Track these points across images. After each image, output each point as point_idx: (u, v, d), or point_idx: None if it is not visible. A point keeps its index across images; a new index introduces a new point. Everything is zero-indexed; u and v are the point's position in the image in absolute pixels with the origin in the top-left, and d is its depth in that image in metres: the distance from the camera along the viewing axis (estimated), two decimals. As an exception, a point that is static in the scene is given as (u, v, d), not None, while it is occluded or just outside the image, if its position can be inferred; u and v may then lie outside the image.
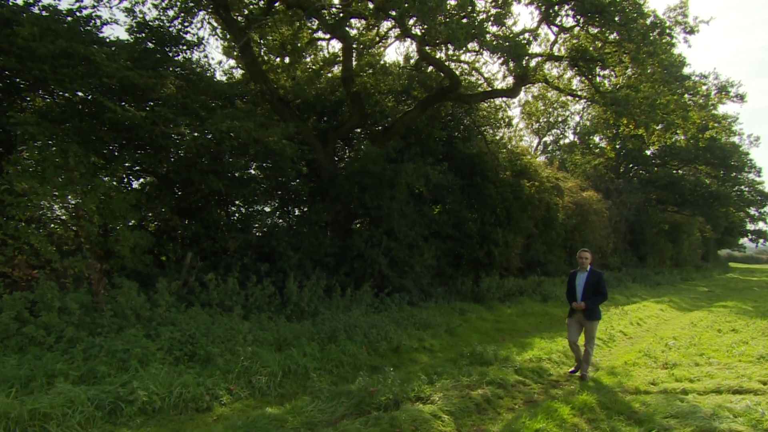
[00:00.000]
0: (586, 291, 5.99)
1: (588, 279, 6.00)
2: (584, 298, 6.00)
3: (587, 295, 6.00)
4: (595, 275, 6.03)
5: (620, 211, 22.91)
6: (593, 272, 6.06)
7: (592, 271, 6.06)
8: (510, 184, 13.86)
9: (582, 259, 6.08)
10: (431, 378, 5.65)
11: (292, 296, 7.78)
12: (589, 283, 5.99)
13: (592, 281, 5.99)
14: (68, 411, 3.99)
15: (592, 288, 5.98)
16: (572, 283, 6.14)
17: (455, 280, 12.30)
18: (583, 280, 6.03)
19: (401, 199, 10.63)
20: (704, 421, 4.45)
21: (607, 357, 7.61)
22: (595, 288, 5.99)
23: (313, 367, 5.82)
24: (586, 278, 6.00)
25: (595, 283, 5.99)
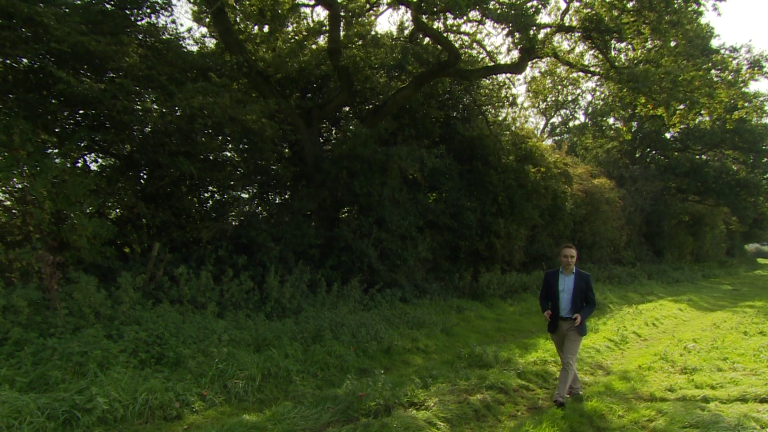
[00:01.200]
0: (575, 299, 5.18)
1: (576, 283, 5.18)
2: (574, 307, 5.20)
3: (577, 305, 5.19)
4: (583, 278, 5.22)
5: (635, 201, 22.88)
6: (580, 275, 5.24)
7: (578, 273, 5.24)
8: (513, 170, 13.88)
9: (566, 258, 5.22)
10: (426, 382, 5.66)
11: (272, 292, 7.77)
12: (577, 288, 5.18)
13: (580, 287, 5.18)
14: (14, 422, 3.90)
15: (581, 295, 5.20)
16: (552, 288, 5.29)
17: (452, 275, 12.37)
18: (569, 286, 5.21)
19: (393, 186, 10.64)
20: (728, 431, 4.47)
21: (620, 360, 7.65)
22: (584, 295, 5.22)
23: (296, 369, 5.82)
24: (574, 283, 5.19)
25: (583, 289, 5.20)
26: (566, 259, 5.25)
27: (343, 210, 11.44)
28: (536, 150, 14.94)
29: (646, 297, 15.54)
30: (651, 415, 4.98)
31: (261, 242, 8.57)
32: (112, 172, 7.74)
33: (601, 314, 11.83)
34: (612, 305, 13.41)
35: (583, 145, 26.94)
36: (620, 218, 20.86)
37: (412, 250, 10.83)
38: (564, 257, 5.27)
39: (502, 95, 14.24)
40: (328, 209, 10.58)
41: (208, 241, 8.20)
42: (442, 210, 12.30)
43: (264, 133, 8.35)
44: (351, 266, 9.72)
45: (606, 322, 10.37)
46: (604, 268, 18.78)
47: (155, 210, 7.77)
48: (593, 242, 19.27)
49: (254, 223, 8.96)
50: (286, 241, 8.99)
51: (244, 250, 8.43)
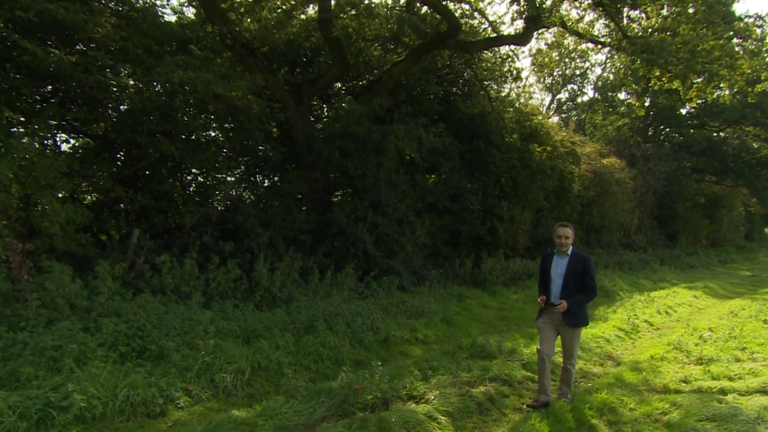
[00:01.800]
0: (567, 284, 4.75)
1: (570, 266, 4.75)
2: (565, 294, 4.76)
3: (569, 291, 4.75)
4: (580, 261, 4.78)
5: (647, 182, 22.76)
6: (577, 256, 4.82)
7: (575, 255, 4.82)
8: (517, 150, 13.85)
9: (560, 238, 4.82)
10: (425, 374, 5.67)
11: (261, 280, 7.76)
12: (571, 272, 4.75)
13: (575, 270, 4.75)
14: (-15, 421, 3.85)
15: (575, 280, 4.75)
16: (546, 270, 4.96)
17: (452, 261, 12.39)
18: (562, 269, 4.79)
19: (389, 167, 10.62)
20: (747, 425, 4.42)
21: (630, 350, 7.67)
22: (580, 280, 4.76)
23: (288, 362, 5.81)
24: (567, 265, 4.76)
25: (579, 273, 4.75)
26: (560, 239, 4.82)
27: (336, 193, 11.42)
28: (542, 128, 14.88)
29: (658, 284, 15.59)
30: (665, 408, 4.97)
31: (249, 228, 8.56)
32: (85, 154, 7.62)
33: (610, 302, 11.88)
34: (622, 292, 13.46)
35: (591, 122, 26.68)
36: (631, 200, 20.80)
37: (410, 235, 10.87)
38: (558, 237, 4.84)
39: (506, 69, 14.12)
40: (320, 192, 10.54)
41: (191, 227, 8.17)
42: (442, 192, 12.30)
43: (250, 110, 8.26)
44: (345, 253, 9.73)
45: (616, 311, 10.42)
46: (614, 254, 18.84)
47: (134, 194, 7.70)
48: (602, 226, 19.30)
49: (241, 208, 8.94)
50: (275, 227, 8.97)
51: (231, 236, 8.42)
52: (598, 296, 12.61)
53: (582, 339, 7.63)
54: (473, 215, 12.66)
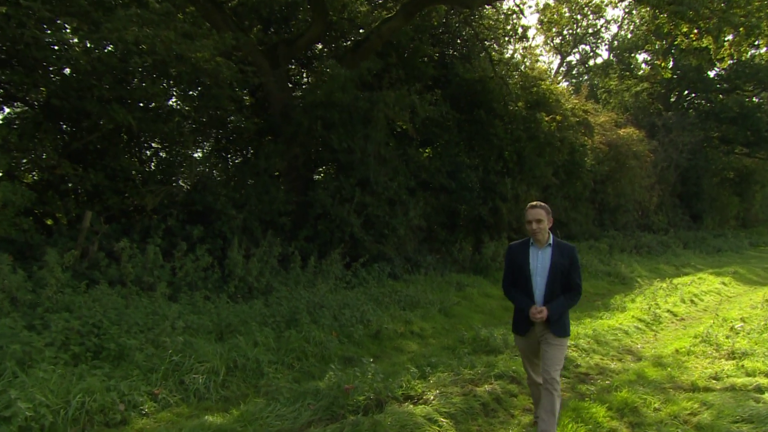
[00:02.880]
0: (553, 284, 4.17)
1: (554, 261, 4.17)
2: (549, 297, 4.17)
3: (554, 293, 4.17)
4: (566, 253, 4.20)
5: (669, 155, 22.85)
6: (561, 248, 4.23)
7: (558, 246, 4.22)
8: (523, 119, 13.85)
9: (531, 223, 4.16)
10: (424, 371, 5.68)
11: (235, 269, 7.76)
12: (556, 268, 4.16)
13: (560, 265, 4.16)
14: None
15: (561, 278, 4.18)
16: (521, 268, 4.27)
17: (450, 246, 12.45)
18: (544, 264, 4.19)
19: (379, 140, 10.59)
20: (789, 427, 4.48)
21: (652, 343, 7.72)
22: (565, 278, 4.20)
23: (268, 360, 5.80)
24: (551, 260, 4.17)
25: (565, 269, 4.17)
26: (531, 225, 4.14)
27: (319, 170, 11.45)
28: (550, 95, 14.89)
29: (681, 269, 15.79)
30: (694, 408, 4.98)
31: (220, 209, 8.53)
32: (25, 124, 7.43)
33: (628, 290, 12.01)
34: (641, 279, 13.60)
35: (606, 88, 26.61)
36: (650, 176, 20.94)
37: (402, 216, 10.89)
38: (528, 223, 4.16)
39: (510, 27, 14.07)
40: (300, 169, 10.48)
41: (153, 209, 8.10)
42: (438, 168, 12.30)
43: (219, 75, 8.15)
44: (330, 237, 9.75)
45: (635, 299, 10.54)
46: (631, 236, 19.05)
47: (84, 171, 7.55)
48: (617, 205, 19.45)
49: (211, 187, 8.90)
50: (250, 208, 8.96)
51: (200, 220, 8.40)
52: (614, 283, 12.78)
53: (598, 331, 7.70)
54: (473, 194, 12.69)
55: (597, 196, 18.36)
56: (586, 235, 17.10)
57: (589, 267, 13.60)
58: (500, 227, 13.59)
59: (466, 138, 13.22)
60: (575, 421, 4.64)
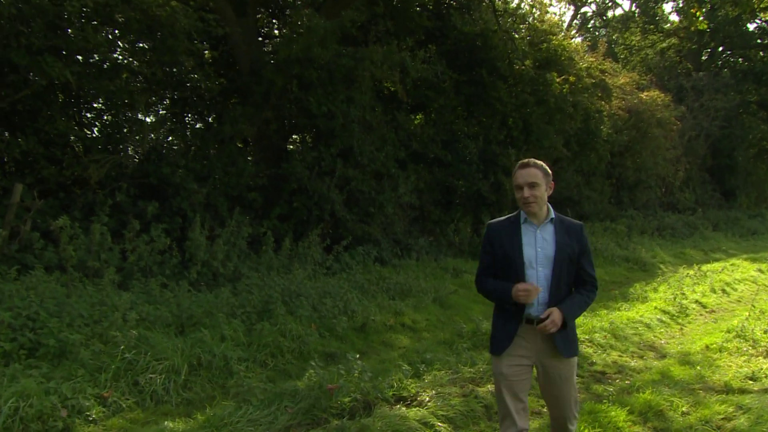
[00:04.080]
0: (559, 277, 3.31)
1: (559, 245, 3.32)
2: (556, 296, 3.31)
3: (560, 290, 3.31)
4: (574, 232, 3.39)
5: (699, 122, 22.90)
6: (566, 225, 3.41)
7: (562, 223, 3.40)
8: (530, 81, 13.84)
9: (522, 188, 3.29)
10: (417, 369, 5.72)
11: (198, 252, 7.73)
12: (561, 255, 3.31)
13: (567, 248, 3.33)
14: None
15: (567, 268, 3.34)
16: (507, 256, 3.36)
17: (445, 227, 12.55)
18: (545, 248, 3.33)
19: (364, 103, 10.64)
20: (839, 434, 4.52)
21: (678, 338, 7.80)
22: (575, 267, 3.39)
23: (237, 357, 5.78)
24: (555, 242, 3.32)
25: (574, 255, 3.35)
26: (522, 192, 3.28)
27: (294, 137, 11.49)
28: (562, 52, 14.90)
29: (711, 255, 16.01)
30: (728, 412, 5.00)
31: (178, 183, 8.48)
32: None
33: (649, 277, 12.17)
34: (664, 266, 13.78)
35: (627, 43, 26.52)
36: (676, 147, 21.05)
37: (391, 192, 10.91)
38: (518, 188, 3.31)
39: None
40: (272, 137, 10.43)
41: (98, 182, 7.97)
42: (432, 137, 12.31)
43: (174, 23, 7.97)
44: (307, 216, 9.77)
45: (657, 288, 10.69)
46: (653, 216, 19.28)
47: (12, 137, 7.42)
48: (637, 181, 19.62)
49: (167, 157, 8.81)
50: (214, 182, 8.96)
51: (154, 195, 8.32)
52: (633, 270, 12.95)
53: (615, 324, 7.80)
54: (472, 167, 12.71)
55: (614, 171, 18.47)
56: (601, 215, 17.28)
57: (605, 251, 13.76)
58: (502, 205, 13.64)
59: (464, 102, 13.19)
60: (591, 425, 4.66)
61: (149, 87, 9.35)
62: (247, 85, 9.98)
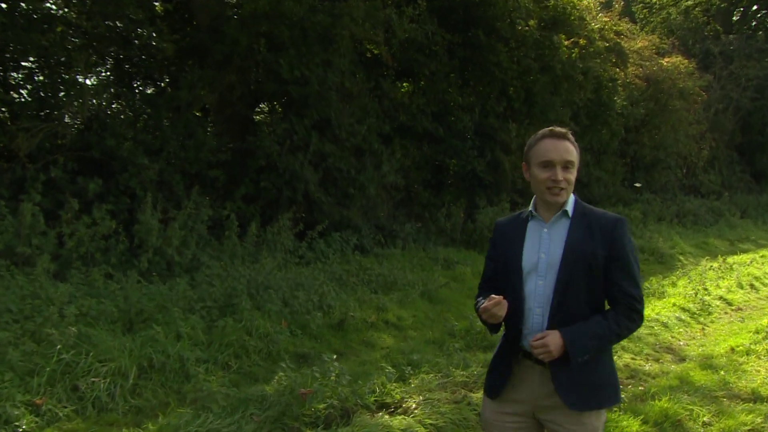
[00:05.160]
0: (563, 293, 2.71)
1: (569, 244, 2.74)
2: (558, 316, 2.71)
3: (568, 307, 2.71)
4: (596, 231, 2.74)
5: (727, 93, 22.89)
6: (587, 219, 2.78)
7: (582, 217, 2.79)
8: (535, 44, 13.81)
9: (560, 170, 2.70)
10: (403, 372, 5.78)
11: (149, 237, 7.67)
12: (570, 258, 2.71)
13: (579, 252, 2.71)
14: None
15: (583, 278, 2.71)
16: (507, 261, 2.87)
17: (435, 211, 12.54)
18: (553, 251, 2.75)
19: (343, 68, 10.61)
20: None
21: (699, 340, 7.89)
22: (596, 279, 2.74)
23: (195, 358, 5.78)
24: (565, 244, 2.74)
25: (594, 263, 2.71)
26: (554, 172, 2.69)
27: (262, 106, 11.44)
28: (572, 10, 14.89)
29: (738, 245, 16.18)
30: (756, 423, 5.06)
31: (126, 157, 8.36)
32: None
33: (667, 271, 12.33)
34: (684, 257, 13.94)
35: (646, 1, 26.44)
36: (701, 121, 21.06)
37: (373, 171, 10.92)
38: (543, 167, 2.73)
39: None
40: (236, 105, 10.33)
41: (29, 155, 7.89)
42: (421, 108, 12.28)
43: None
44: (277, 197, 9.79)
45: (676, 283, 10.80)
46: (672, 201, 19.43)
47: None
48: (655, 160, 19.71)
49: (112, 126, 8.66)
50: (168, 156, 8.90)
51: (97, 170, 8.23)
52: (649, 262, 13.06)
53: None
54: (466, 143, 12.73)
55: (629, 149, 18.56)
56: (612, 200, 17.40)
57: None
58: (501, 187, 13.72)
59: (458, 68, 13.15)
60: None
61: (89, 43, 9.16)
62: (206, 44, 9.84)
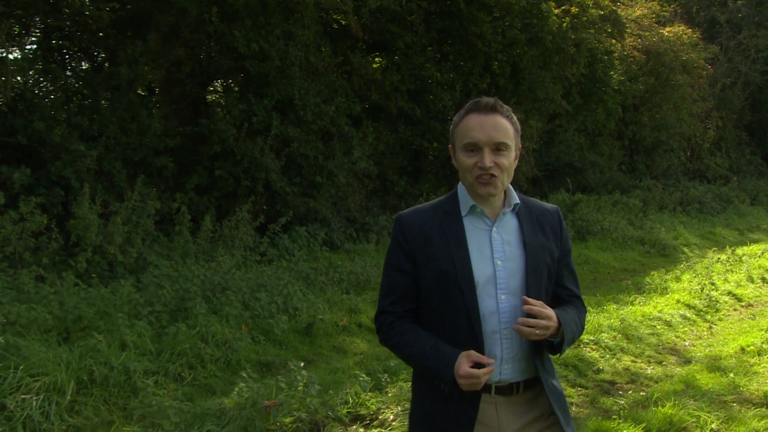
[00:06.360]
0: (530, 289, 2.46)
1: (529, 247, 2.49)
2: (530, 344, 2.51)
3: None
4: (546, 225, 2.60)
5: (735, 66, 23.05)
6: (530, 213, 2.58)
7: (528, 211, 2.58)
8: (521, 13, 13.90)
9: (489, 153, 2.37)
10: (378, 380, 5.84)
11: (87, 234, 7.60)
12: (534, 267, 2.49)
13: (540, 255, 2.52)
14: None
15: (546, 286, 2.55)
16: (445, 273, 2.43)
17: (412, 201, 12.58)
18: (512, 258, 2.47)
19: (307, 41, 10.64)
20: None
21: (707, 339, 7.97)
22: (551, 280, 2.60)
23: (143, 369, 5.75)
24: (523, 245, 2.49)
25: (551, 267, 2.57)
26: (481, 157, 2.37)
27: (216, 84, 11.46)
28: (563, -27, 14.92)
29: (748, 235, 16.34)
30: (769, 430, 5.17)
31: (58, 143, 8.34)
32: None
33: (670, 264, 12.44)
34: (688, 249, 14.12)
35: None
36: (706, 98, 21.31)
37: (343, 157, 10.95)
38: (468, 150, 2.41)
39: None
40: (186, 83, 10.37)
41: None
42: (395, 86, 12.35)
43: None
44: (234, 187, 9.86)
45: (680, 277, 10.91)
46: (675, 187, 19.68)
47: None
48: (656, 142, 19.93)
49: (40, 107, 8.66)
50: (108, 142, 8.83)
51: (24, 158, 8.25)
52: (650, 255, 13.20)
53: (627, 321, 7.96)
54: (447, 125, 12.72)
55: (627, 130, 18.71)
56: (609, 187, 17.60)
57: (614, 232, 14.03)
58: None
59: (436, 40, 13.19)
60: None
61: (10, 12, 9.04)
62: (149, 13, 9.79)
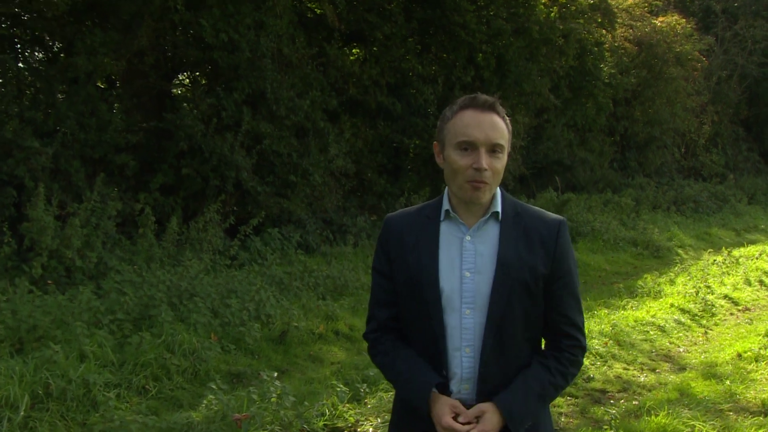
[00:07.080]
0: (497, 332, 2.33)
1: (503, 261, 2.33)
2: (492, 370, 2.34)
3: (503, 355, 2.36)
4: (536, 238, 2.39)
5: (731, 58, 23.20)
6: (519, 223, 2.41)
7: (516, 219, 2.41)
8: (506, 1, 13.92)
9: (486, 155, 2.25)
10: (357, 390, 5.88)
11: (42, 238, 7.55)
12: (504, 283, 2.33)
13: (517, 272, 2.33)
14: None
15: (521, 308, 2.35)
16: (411, 278, 2.40)
17: (392, 201, 12.65)
18: (481, 271, 2.34)
19: (280, 31, 10.67)
20: None
21: (702, 344, 8.06)
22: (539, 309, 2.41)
23: (104, 382, 5.71)
24: (497, 258, 2.35)
25: (531, 285, 2.35)
26: (477, 158, 2.25)
27: (182, 77, 11.41)
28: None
29: (744, 235, 16.50)
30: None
31: (10, 140, 8.28)
32: None
33: (664, 266, 12.56)
34: (683, 250, 14.22)
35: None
36: (701, 92, 21.42)
37: (319, 155, 10.95)
38: (462, 148, 2.26)
39: None
40: (149, 75, 10.29)
41: None
42: (374, 79, 12.38)
43: None
44: (202, 186, 9.85)
45: (674, 280, 11.02)
46: (668, 186, 19.77)
47: None
48: (649, 138, 20.06)
49: None
50: (65, 139, 8.83)
51: None
52: (643, 256, 13.26)
53: (619, 327, 8.04)
54: (428, 121, 12.83)
55: (618, 125, 18.81)
56: (600, 185, 17.68)
57: (605, 233, 14.09)
58: (470, 172, 13.75)
59: (417, 31, 13.19)
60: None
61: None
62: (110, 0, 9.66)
